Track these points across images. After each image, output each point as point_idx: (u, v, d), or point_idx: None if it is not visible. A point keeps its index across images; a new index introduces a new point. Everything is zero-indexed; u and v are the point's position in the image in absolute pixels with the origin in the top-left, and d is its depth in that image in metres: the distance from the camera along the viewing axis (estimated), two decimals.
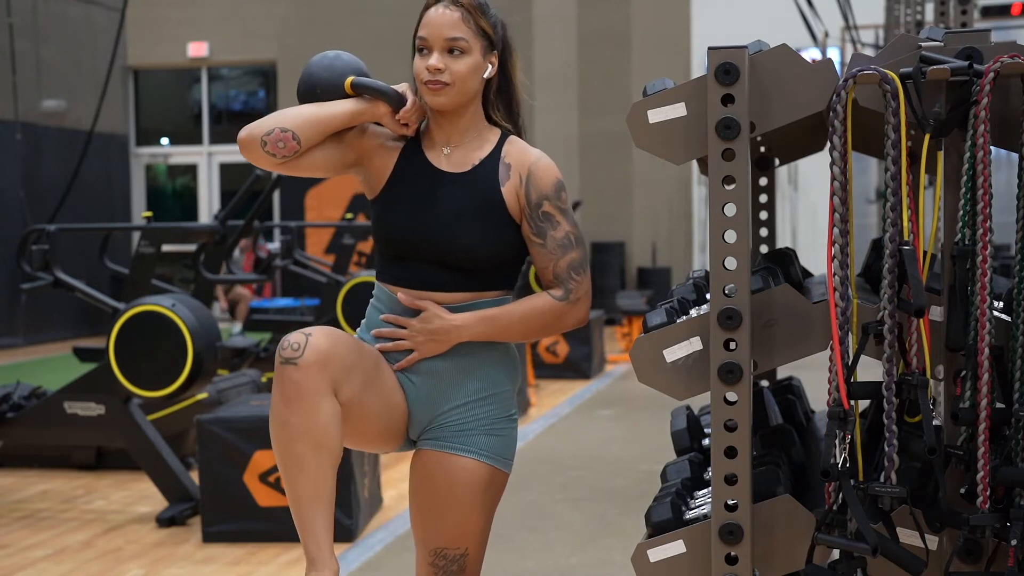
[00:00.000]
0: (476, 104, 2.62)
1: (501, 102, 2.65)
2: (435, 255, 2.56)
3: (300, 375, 2.36)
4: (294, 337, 2.39)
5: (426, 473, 2.60)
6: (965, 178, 2.17)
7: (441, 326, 2.54)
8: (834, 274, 2.18)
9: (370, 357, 2.52)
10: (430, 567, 2.62)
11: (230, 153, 17.40)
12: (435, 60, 2.53)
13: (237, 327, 12.58)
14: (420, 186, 2.59)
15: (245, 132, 2.56)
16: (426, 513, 2.60)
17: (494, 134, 2.64)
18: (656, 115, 2.29)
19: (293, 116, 2.55)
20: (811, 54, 11.36)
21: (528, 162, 2.60)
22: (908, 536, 2.20)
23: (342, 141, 2.61)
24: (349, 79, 2.60)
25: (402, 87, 2.63)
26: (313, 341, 2.37)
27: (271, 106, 17.53)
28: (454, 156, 2.61)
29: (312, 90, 2.61)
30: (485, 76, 2.59)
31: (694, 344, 2.29)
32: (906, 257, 2.13)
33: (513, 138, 2.64)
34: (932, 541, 2.23)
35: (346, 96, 2.60)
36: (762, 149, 3.32)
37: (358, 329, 2.69)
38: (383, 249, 2.63)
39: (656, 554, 2.32)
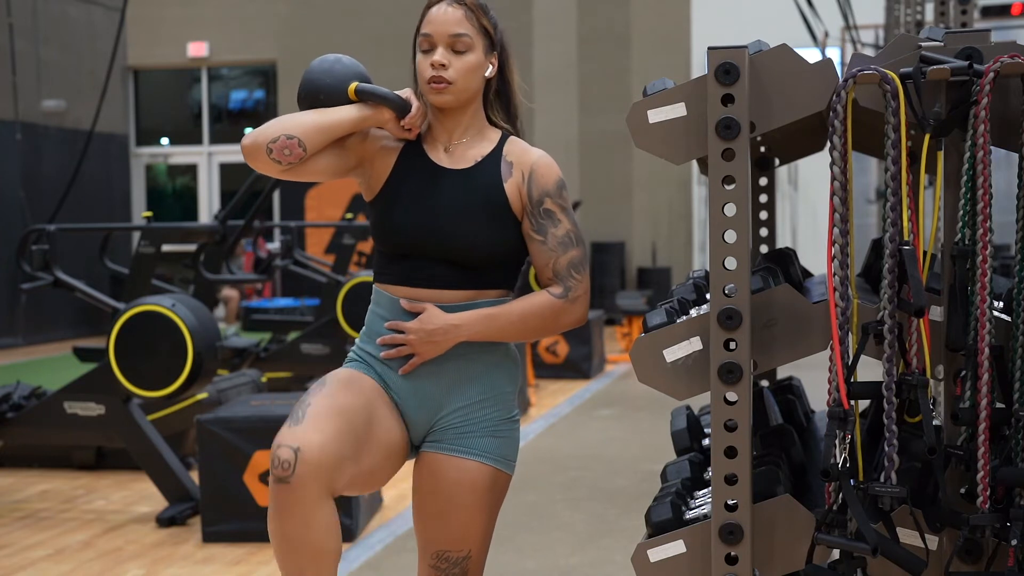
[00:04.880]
0: (477, 103, 2.63)
1: (500, 104, 2.66)
2: (438, 251, 2.56)
3: (293, 493, 2.36)
4: (284, 454, 2.37)
5: (429, 476, 2.60)
6: (965, 178, 2.17)
7: (439, 326, 2.54)
8: (834, 274, 2.18)
9: (361, 414, 2.49)
10: (432, 570, 2.62)
11: (230, 153, 17.41)
12: (439, 56, 2.54)
13: (232, 328, 12.57)
14: (422, 182, 2.59)
15: (249, 139, 2.54)
16: (429, 516, 2.60)
17: (495, 133, 2.66)
18: (656, 115, 2.29)
19: (298, 123, 2.54)
20: (811, 54, 11.36)
21: (530, 160, 2.61)
22: (908, 536, 2.20)
23: (343, 146, 2.61)
24: (353, 85, 2.59)
25: (406, 93, 2.62)
26: (303, 455, 2.35)
27: (271, 106, 17.52)
28: (456, 153, 2.62)
29: (315, 95, 2.60)
30: (486, 75, 2.60)
31: (694, 344, 2.29)
32: (906, 257, 2.13)
33: (514, 138, 2.66)
34: (932, 541, 2.23)
35: (349, 101, 2.60)
36: (762, 149, 3.32)
37: (357, 339, 2.68)
38: (384, 247, 2.62)
39: (656, 554, 2.32)
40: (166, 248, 6.86)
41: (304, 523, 2.37)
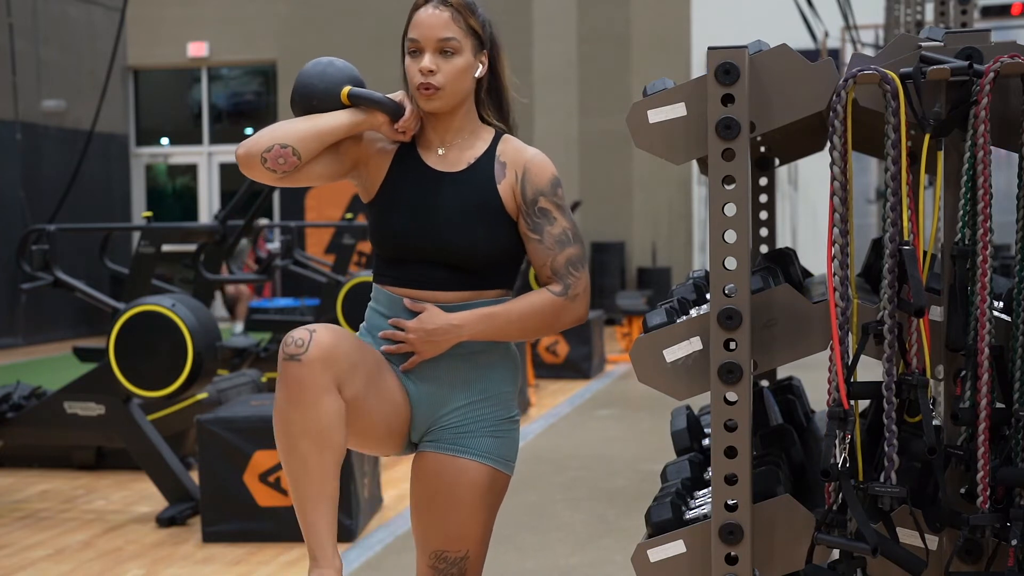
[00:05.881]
0: (469, 104, 2.62)
1: (492, 101, 2.65)
2: (434, 254, 2.56)
3: (304, 371, 2.35)
4: (298, 334, 2.38)
5: (427, 476, 2.59)
6: (965, 178, 2.17)
7: (440, 325, 2.54)
8: (834, 274, 2.18)
9: (372, 357, 2.52)
10: (430, 570, 2.62)
11: (230, 153, 17.38)
12: (427, 61, 2.52)
13: (239, 327, 12.58)
14: (416, 186, 2.59)
15: (243, 149, 2.53)
16: (427, 516, 2.60)
17: (488, 133, 2.64)
18: (656, 115, 2.29)
19: (291, 131, 2.53)
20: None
21: (524, 159, 2.60)
22: (908, 536, 2.20)
23: (337, 150, 2.60)
24: (346, 90, 2.58)
25: (399, 96, 2.62)
26: (317, 337, 2.36)
27: (271, 106, 17.52)
28: (449, 156, 2.61)
29: (308, 101, 2.59)
30: (476, 76, 2.59)
31: (694, 344, 2.29)
32: (906, 257, 2.13)
33: (507, 137, 2.64)
34: (932, 541, 2.23)
35: (342, 106, 2.59)
36: (762, 149, 3.32)
37: (358, 333, 2.68)
38: (381, 250, 2.63)
39: (656, 554, 2.32)
40: (166, 248, 6.86)
41: (311, 407, 2.36)
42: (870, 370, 2.22)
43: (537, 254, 2.59)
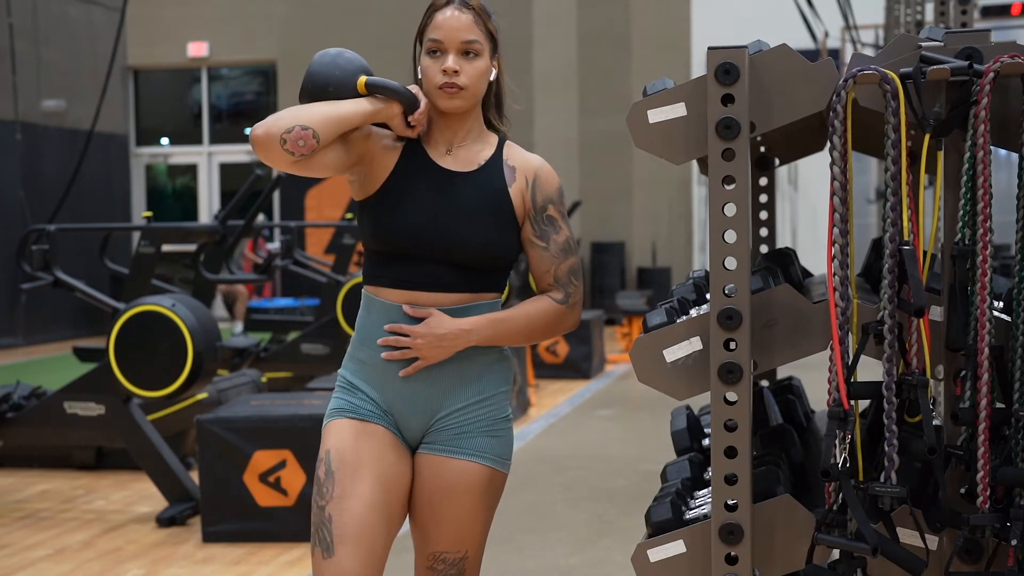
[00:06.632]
0: (479, 107, 2.62)
1: (495, 104, 2.66)
2: (443, 252, 2.54)
3: None
4: None
5: (426, 478, 2.59)
6: (965, 178, 2.17)
7: (450, 330, 2.53)
8: (834, 274, 2.18)
9: (379, 496, 2.53)
10: (429, 571, 2.61)
11: (230, 153, 17.41)
12: (452, 62, 2.52)
13: (239, 327, 12.58)
14: (427, 184, 2.58)
15: (261, 129, 2.48)
16: (426, 518, 2.59)
17: (492, 137, 2.65)
18: (656, 115, 2.29)
19: (311, 114, 2.50)
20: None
21: (533, 166, 2.62)
22: (908, 536, 2.20)
23: (347, 141, 2.57)
24: (362, 78, 2.57)
25: (414, 88, 2.61)
26: None
27: (271, 106, 17.52)
28: (459, 156, 2.61)
29: (323, 88, 2.56)
30: (491, 78, 2.60)
31: (694, 344, 2.29)
32: (906, 257, 2.13)
33: (510, 143, 2.67)
34: (932, 541, 2.23)
35: (357, 94, 2.57)
36: (762, 149, 3.32)
37: (348, 348, 2.66)
38: (384, 247, 2.58)
39: (656, 554, 2.32)
40: (166, 248, 6.86)
41: None
42: (870, 370, 2.22)
43: (541, 261, 2.60)
